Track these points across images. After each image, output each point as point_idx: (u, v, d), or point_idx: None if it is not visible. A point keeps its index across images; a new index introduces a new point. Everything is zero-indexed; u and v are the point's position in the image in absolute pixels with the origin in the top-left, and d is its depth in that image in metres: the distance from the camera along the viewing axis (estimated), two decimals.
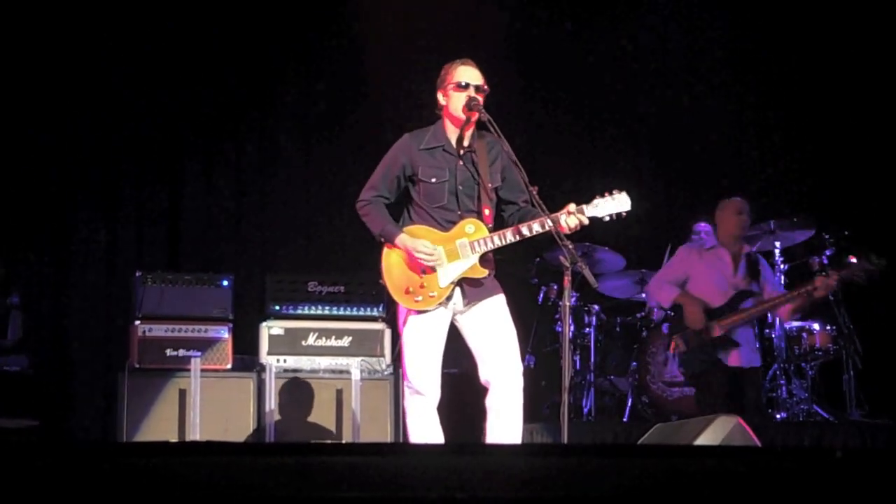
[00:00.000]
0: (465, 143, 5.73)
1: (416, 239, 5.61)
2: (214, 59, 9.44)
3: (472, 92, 5.65)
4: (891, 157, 9.85)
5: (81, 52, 9.10)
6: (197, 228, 9.48)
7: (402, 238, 5.64)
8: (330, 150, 9.70)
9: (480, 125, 5.71)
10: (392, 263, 5.69)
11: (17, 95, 8.90)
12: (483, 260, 5.64)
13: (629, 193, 5.60)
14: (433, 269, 5.59)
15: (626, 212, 5.58)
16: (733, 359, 7.63)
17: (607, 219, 5.58)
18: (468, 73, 5.71)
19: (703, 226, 9.44)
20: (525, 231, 5.55)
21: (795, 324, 8.81)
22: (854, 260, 7.22)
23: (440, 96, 5.76)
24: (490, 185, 5.70)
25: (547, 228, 5.49)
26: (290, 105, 9.78)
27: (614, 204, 5.57)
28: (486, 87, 5.71)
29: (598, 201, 5.57)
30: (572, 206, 5.52)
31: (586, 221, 5.53)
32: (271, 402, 7.51)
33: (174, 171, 9.50)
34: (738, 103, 10.42)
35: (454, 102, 5.68)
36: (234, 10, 9.45)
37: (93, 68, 9.12)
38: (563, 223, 5.49)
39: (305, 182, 9.71)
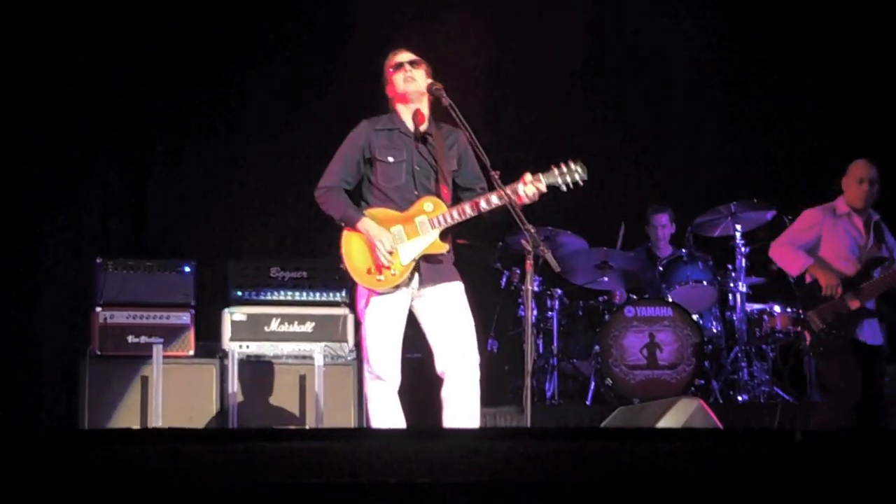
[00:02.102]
0: (421, 128, 5.79)
1: (379, 228, 5.62)
2: (178, 43, 9.36)
3: (407, 67, 5.79)
4: (848, 137, 9.94)
5: (43, 36, 9.00)
6: (160, 215, 9.42)
7: (365, 223, 5.65)
8: (293, 136, 9.64)
9: (437, 115, 5.77)
10: (352, 246, 5.69)
11: None
12: (443, 237, 5.66)
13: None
14: (381, 269, 5.61)
15: (584, 180, 5.61)
16: (869, 335, 6.83)
17: (564, 188, 5.61)
18: (401, 55, 5.88)
19: (661, 218, 9.45)
20: (483, 204, 5.58)
21: (756, 306, 8.88)
22: None
23: (387, 89, 5.91)
24: (447, 167, 5.75)
25: (504, 200, 5.51)
26: (253, 91, 9.72)
27: (571, 173, 5.61)
28: (419, 59, 5.86)
29: (554, 170, 5.61)
30: (529, 176, 5.56)
31: (544, 189, 5.56)
32: (234, 389, 7.49)
33: (138, 158, 9.43)
34: (700, 86, 10.44)
35: (396, 83, 5.83)
36: None
37: (56, 52, 9.02)
38: (521, 193, 5.52)
39: (268, 168, 9.66)
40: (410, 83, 5.78)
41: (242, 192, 9.60)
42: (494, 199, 5.56)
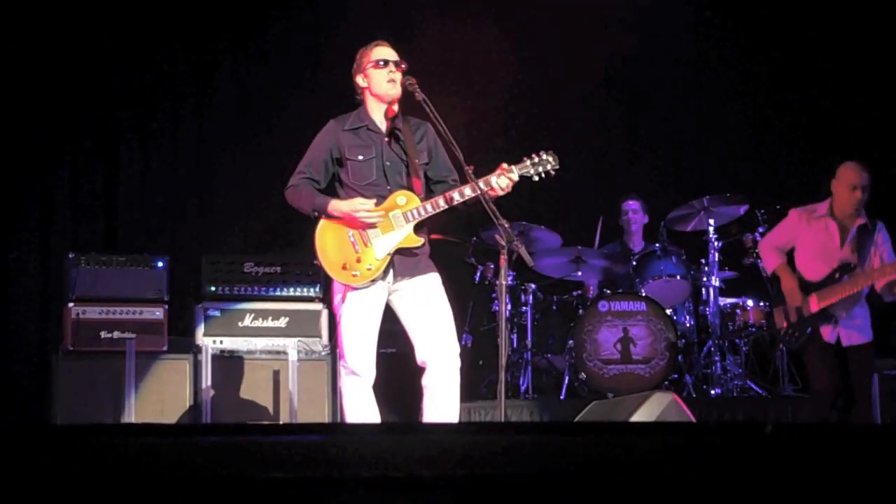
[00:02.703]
0: (390, 123, 5.78)
1: (349, 201, 5.63)
2: (150, 37, 9.33)
3: (391, 68, 5.74)
4: (823, 132, 10.01)
5: (16, 33, 8.95)
6: (133, 210, 9.39)
7: (336, 204, 5.65)
8: (267, 131, 9.64)
9: (406, 108, 5.77)
10: (326, 242, 5.69)
11: None
12: (417, 230, 5.66)
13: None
14: (367, 244, 5.59)
15: (556, 170, 5.66)
16: (828, 334, 6.92)
17: (537, 178, 5.68)
18: (384, 52, 5.81)
19: (631, 203, 9.50)
20: (457, 196, 5.61)
21: (729, 300, 8.92)
22: None
23: (360, 79, 5.85)
24: (417, 161, 5.75)
25: (477, 193, 5.53)
26: (227, 86, 9.71)
27: (543, 163, 5.66)
28: (402, 62, 5.79)
29: (527, 161, 5.66)
30: (505, 166, 5.59)
31: (516, 179, 5.61)
32: (207, 384, 7.47)
33: (110, 152, 9.39)
34: (674, 80, 10.48)
35: (375, 80, 5.77)
36: None
37: (27, 48, 8.98)
38: (494, 184, 5.55)
39: (242, 163, 9.65)
40: (391, 87, 5.74)
41: (216, 187, 9.58)
42: (468, 191, 5.58)
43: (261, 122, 9.67)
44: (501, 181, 5.56)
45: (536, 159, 5.65)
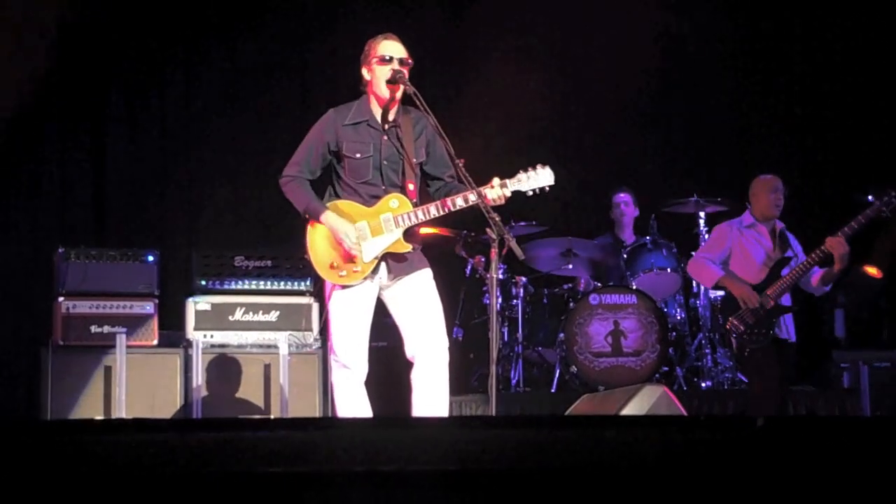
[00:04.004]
0: (390, 118, 5.73)
1: (342, 221, 5.60)
2: (137, 27, 9.29)
3: (395, 65, 5.64)
4: (810, 138, 10.07)
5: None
6: (122, 203, 9.37)
7: (328, 217, 5.62)
8: (257, 123, 9.62)
9: (406, 100, 5.70)
10: (316, 239, 5.68)
11: None
12: (408, 235, 5.65)
13: (553, 167, 5.64)
14: (347, 258, 5.59)
15: (550, 186, 5.63)
16: (783, 331, 7.41)
17: (530, 193, 5.64)
18: (391, 47, 5.70)
19: (622, 196, 9.51)
20: (449, 205, 5.59)
21: (720, 293, 8.92)
22: (871, 198, 7.17)
23: (364, 71, 5.75)
24: (414, 160, 5.72)
25: (471, 203, 5.52)
26: (216, 77, 9.69)
27: (537, 178, 5.62)
28: (409, 60, 5.71)
29: (521, 175, 5.61)
30: (496, 181, 5.55)
31: (509, 194, 5.57)
32: (198, 379, 7.47)
33: (98, 144, 9.36)
34: (662, 80, 10.48)
35: (378, 76, 5.67)
36: None
37: (13, 35, 8.93)
38: (488, 195, 5.52)
39: (232, 156, 9.63)
40: (394, 86, 5.63)
41: (206, 180, 9.56)
42: (460, 202, 5.56)
43: (250, 113, 9.65)
44: (494, 194, 5.51)
45: (531, 174, 5.61)
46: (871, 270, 8.93)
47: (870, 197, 7.17)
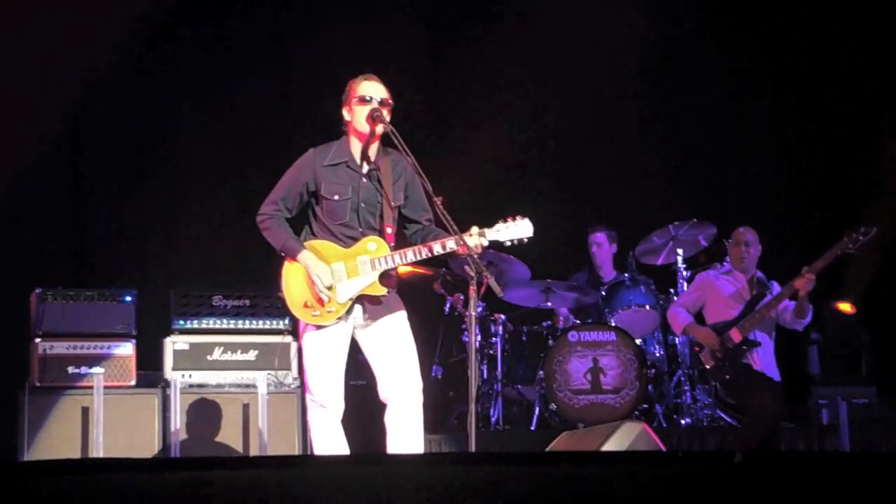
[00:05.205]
0: (370, 159, 5.73)
1: (318, 262, 5.60)
2: (116, 57, 9.26)
3: (374, 105, 5.65)
4: (787, 161, 10.13)
5: None
6: (100, 243, 9.34)
7: (304, 256, 5.63)
8: (235, 162, 9.61)
9: (386, 141, 5.71)
10: (291, 278, 5.68)
11: None
12: (384, 277, 5.64)
13: (531, 211, 5.67)
14: (319, 302, 5.58)
15: (528, 237, 5.64)
16: (756, 363, 7.67)
17: (508, 243, 5.64)
18: (372, 88, 5.71)
19: (597, 236, 9.51)
20: (425, 252, 5.59)
21: None
22: (844, 234, 7.33)
23: (345, 112, 5.76)
24: (393, 203, 5.72)
25: (448, 249, 5.53)
26: (194, 116, 9.68)
27: (515, 229, 5.63)
28: (390, 100, 5.72)
29: (499, 226, 5.62)
30: (475, 230, 5.55)
31: (486, 244, 5.57)
32: (177, 419, 7.43)
33: (76, 184, 9.34)
34: (637, 111, 10.54)
35: (358, 117, 5.68)
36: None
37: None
38: (467, 243, 5.51)
39: (209, 195, 9.62)
40: (374, 125, 5.63)
41: (184, 220, 9.54)
42: (437, 248, 5.57)
43: (228, 152, 9.64)
44: (471, 242, 5.51)
45: (510, 224, 5.62)
46: (844, 307, 9.03)
47: (844, 233, 7.33)
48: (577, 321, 9.06)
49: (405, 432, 5.63)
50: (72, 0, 8.91)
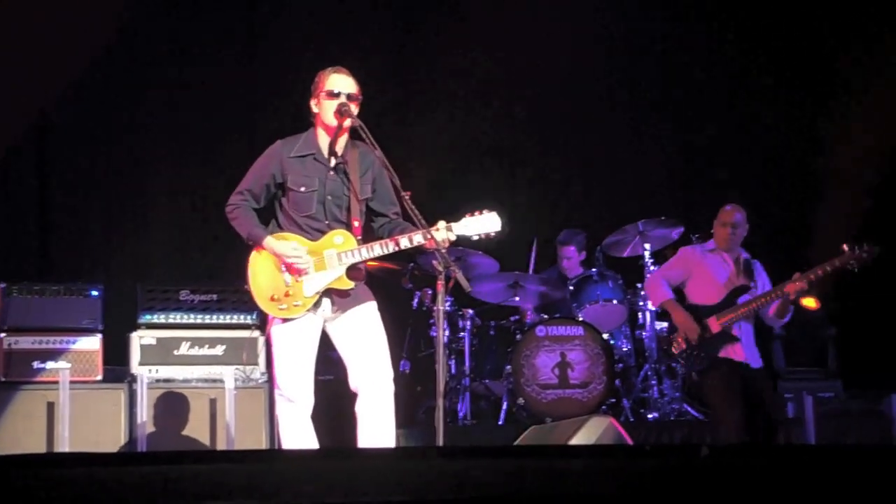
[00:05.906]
0: (338, 153, 5.71)
1: (283, 242, 5.59)
2: (93, 55, 9.22)
3: (343, 100, 5.63)
4: (754, 157, 10.19)
5: None
6: (66, 237, 9.28)
7: (269, 241, 5.60)
8: (202, 155, 9.58)
9: (354, 134, 5.69)
10: (258, 270, 5.65)
11: None
12: (351, 270, 5.62)
13: (500, 205, 5.66)
14: (300, 275, 5.56)
15: (496, 231, 5.62)
16: (738, 354, 7.31)
17: (476, 237, 5.62)
18: (340, 81, 5.69)
19: (567, 250, 9.45)
20: (392, 246, 5.57)
21: (666, 324, 8.97)
22: (845, 248, 7.15)
23: (313, 104, 5.73)
24: (360, 196, 5.71)
25: (416, 244, 5.52)
26: (161, 110, 9.63)
27: (483, 223, 5.61)
28: (359, 95, 5.70)
29: (466, 220, 5.60)
30: (442, 224, 5.54)
31: (454, 238, 5.55)
32: (143, 414, 7.39)
33: (41, 178, 9.28)
34: (607, 103, 10.57)
35: (326, 110, 5.66)
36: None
37: None
38: (434, 237, 5.50)
39: (177, 189, 9.58)
40: (341, 120, 5.61)
41: (151, 214, 9.50)
42: (405, 242, 5.55)
43: (195, 146, 9.60)
44: (438, 236, 5.49)
45: (477, 218, 5.60)
46: (809, 302, 9.03)
47: (844, 246, 7.10)
48: (545, 316, 9.07)
49: (376, 421, 5.61)
50: None
